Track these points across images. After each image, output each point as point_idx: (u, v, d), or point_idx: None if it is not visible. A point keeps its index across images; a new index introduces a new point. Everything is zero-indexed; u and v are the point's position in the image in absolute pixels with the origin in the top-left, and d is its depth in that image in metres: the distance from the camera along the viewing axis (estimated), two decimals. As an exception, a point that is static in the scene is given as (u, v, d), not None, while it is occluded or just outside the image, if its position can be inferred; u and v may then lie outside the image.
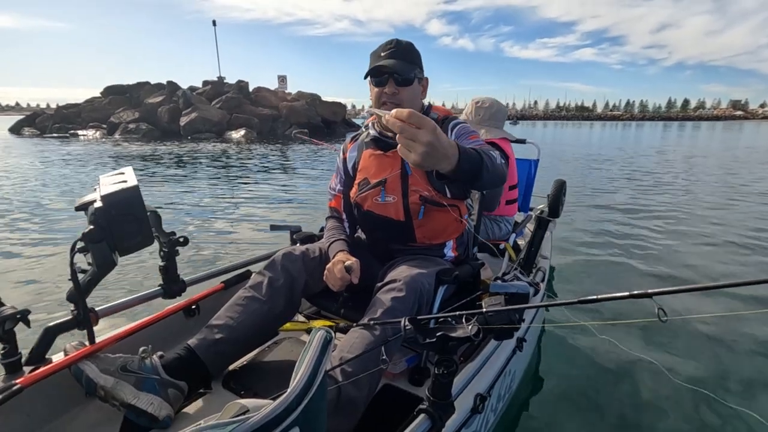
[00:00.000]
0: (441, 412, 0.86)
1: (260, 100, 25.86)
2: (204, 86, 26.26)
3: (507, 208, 2.21)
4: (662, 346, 2.15)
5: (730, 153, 14.18)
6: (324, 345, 0.59)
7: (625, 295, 0.64)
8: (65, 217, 4.80)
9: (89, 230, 0.94)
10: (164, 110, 22.86)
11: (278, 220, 4.96)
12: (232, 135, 21.22)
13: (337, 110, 27.50)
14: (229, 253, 3.67)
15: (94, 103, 25.25)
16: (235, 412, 0.49)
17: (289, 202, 5.94)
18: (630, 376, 1.89)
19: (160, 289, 1.40)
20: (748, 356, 2.08)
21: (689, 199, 6.14)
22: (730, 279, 0.60)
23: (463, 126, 1.32)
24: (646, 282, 3.09)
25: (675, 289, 0.61)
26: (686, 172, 9.09)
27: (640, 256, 3.62)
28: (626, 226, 4.62)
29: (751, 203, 5.84)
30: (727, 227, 4.56)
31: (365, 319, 1.07)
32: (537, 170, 2.62)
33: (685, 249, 3.86)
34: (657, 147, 17.31)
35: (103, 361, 1.02)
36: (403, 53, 1.27)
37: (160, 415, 0.97)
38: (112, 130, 22.40)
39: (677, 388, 1.78)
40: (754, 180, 7.98)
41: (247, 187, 7.30)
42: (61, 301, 2.55)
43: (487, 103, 2.23)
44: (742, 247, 3.89)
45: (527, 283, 1.52)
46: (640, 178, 8.24)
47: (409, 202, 1.28)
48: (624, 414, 1.68)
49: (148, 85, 25.93)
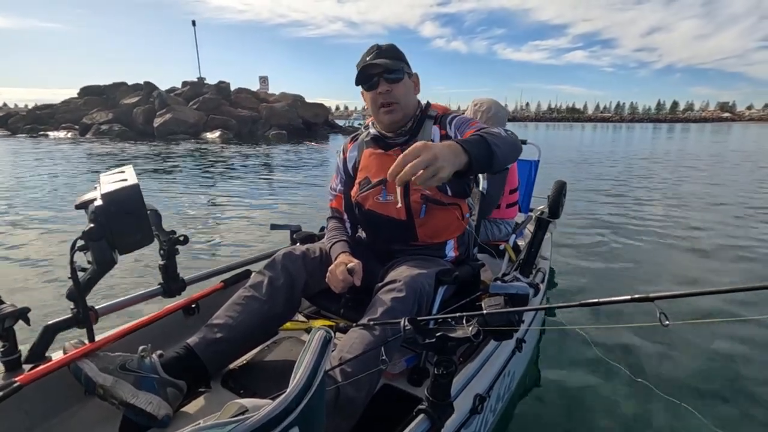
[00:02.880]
0: (440, 412, 0.86)
1: (240, 101, 25.66)
2: (183, 87, 25.98)
3: (507, 212, 2.19)
4: (661, 348, 2.15)
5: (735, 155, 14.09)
6: (323, 345, 0.59)
7: (627, 299, 0.63)
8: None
9: (89, 228, 0.94)
10: (139, 111, 22.63)
11: (278, 219, 4.96)
12: (207, 136, 21.09)
13: (319, 112, 27.32)
14: (229, 252, 3.67)
15: (70, 104, 24.96)
16: (234, 412, 0.49)
17: (288, 202, 5.95)
18: (629, 377, 1.89)
19: (160, 288, 1.40)
20: (750, 361, 2.06)
21: (690, 201, 6.08)
22: (734, 284, 0.60)
23: (460, 117, 1.33)
24: (647, 282, 3.09)
25: (677, 294, 0.60)
26: (689, 176, 8.96)
27: (639, 257, 3.63)
28: (626, 227, 4.62)
29: (760, 208, 5.58)
30: (730, 230, 4.51)
31: (365, 319, 1.06)
32: (537, 171, 2.62)
33: (685, 251, 3.85)
34: (653, 149, 17.27)
35: (102, 359, 1.02)
36: (386, 53, 1.27)
37: (158, 414, 0.97)
38: (85, 131, 22.10)
39: (677, 391, 1.78)
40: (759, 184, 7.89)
41: (247, 186, 7.30)
42: (60, 299, 2.56)
43: (485, 106, 2.20)
44: (744, 249, 3.85)
45: (527, 284, 1.52)
46: (639, 181, 8.23)
47: (411, 201, 1.28)
48: (623, 415, 1.68)
49: (124, 85, 25.69)
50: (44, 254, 3.52)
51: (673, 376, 1.95)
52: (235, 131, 22.45)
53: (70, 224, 4.41)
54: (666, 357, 2.09)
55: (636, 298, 0.62)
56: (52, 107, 25.31)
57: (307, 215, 5.13)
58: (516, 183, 2.23)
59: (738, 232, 4.42)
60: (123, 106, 23.50)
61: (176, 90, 25.73)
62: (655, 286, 3.06)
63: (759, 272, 3.34)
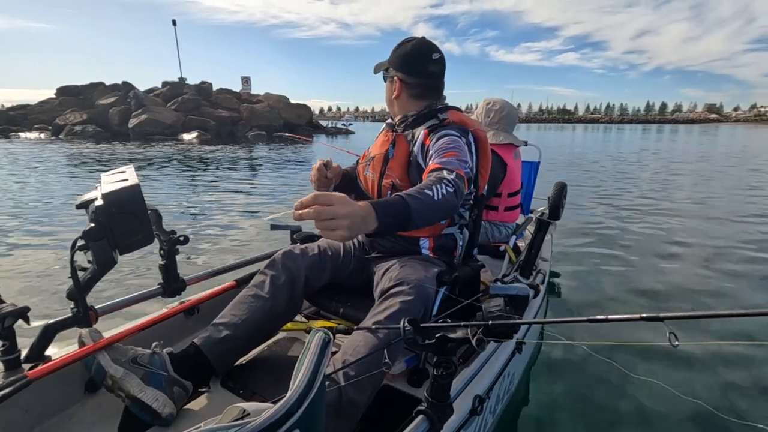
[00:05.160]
0: (439, 413, 0.86)
1: (221, 102, 25.45)
2: (162, 87, 25.74)
3: (506, 215, 2.18)
4: (663, 350, 2.14)
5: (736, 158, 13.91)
6: (323, 347, 0.59)
7: (636, 318, 0.62)
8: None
9: (90, 228, 0.94)
10: (115, 112, 22.39)
11: (278, 219, 4.96)
12: (183, 137, 20.91)
13: (302, 113, 27.28)
14: (229, 253, 3.67)
15: (46, 104, 24.62)
16: (235, 416, 0.49)
17: (288, 202, 5.95)
18: (629, 379, 1.89)
19: (160, 288, 1.40)
20: (757, 386, 1.91)
21: (698, 209, 5.66)
22: (747, 308, 0.58)
23: (445, 140, 1.21)
24: (649, 283, 3.09)
25: (689, 315, 0.59)
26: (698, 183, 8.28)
27: (641, 261, 3.62)
28: (626, 228, 4.62)
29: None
30: (741, 245, 4.05)
31: (371, 321, 1.07)
32: (538, 173, 2.62)
33: (697, 264, 3.73)
34: (647, 150, 17.02)
35: (116, 350, 1.02)
36: (392, 51, 1.36)
37: (163, 412, 0.97)
38: (57, 132, 21.77)
39: (679, 396, 1.75)
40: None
41: (246, 187, 7.30)
42: (60, 298, 2.56)
43: (497, 105, 2.17)
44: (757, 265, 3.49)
45: (527, 286, 1.52)
46: (637, 184, 8.22)
47: (382, 183, 1.33)
48: (622, 416, 1.68)
49: (102, 85, 25.41)
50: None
51: (675, 380, 1.94)
52: (214, 132, 22.22)
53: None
54: (668, 360, 2.08)
55: (645, 317, 0.60)
56: (26, 108, 24.90)
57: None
58: (517, 186, 2.20)
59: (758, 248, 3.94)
60: (99, 106, 23.24)
61: (156, 90, 25.47)
62: (659, 288, 3.05)
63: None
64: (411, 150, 1.29)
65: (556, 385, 1.88)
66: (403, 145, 1.31)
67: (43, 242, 3.89)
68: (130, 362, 1.00)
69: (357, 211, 0.77)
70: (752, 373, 1.99)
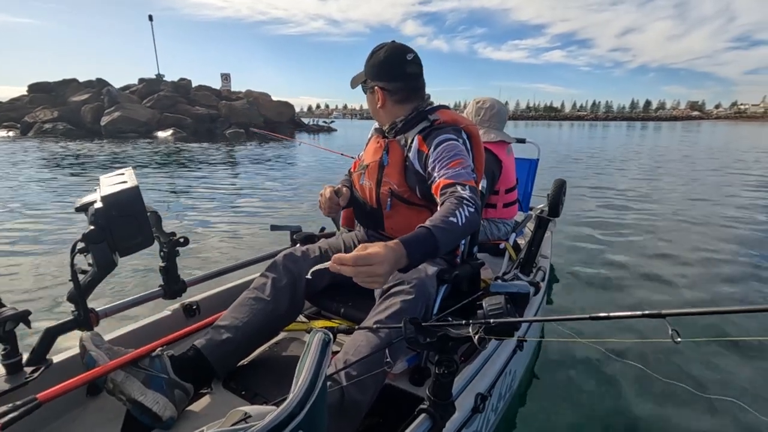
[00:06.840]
0: (442, 411, 0.86)
1: (200, 99, 24.72)
2: (138, 84, 24.88)
3: (505, 211, 2.18)
4: (665, 346, 2.15)
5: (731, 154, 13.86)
6: (323, 347, 0.58)
7: (638, 315, 0.62)
8: None
9: (90, 231, 0.94)
10: (87, 109, 21.62)
11: (278, 219, 4.96)
12: (158, 135, 20.30)
13: (283, 110, 26.66)
14: (229, 253, 3.67)
15: (17, 101, 23.84)
16: (237, 419, 0.49)
17: (288, 201, 5.94)
18: (630, 377, 1.89)
19: (161, 290, 1.40)
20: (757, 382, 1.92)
21: (700, 208, 5.61)
22: (749, 303, 0.58)
23: (445, 147, 1.20)
24: (649, 283, 3.09)
25: (690, 312, 0.59)
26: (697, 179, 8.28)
27: (642, 259, 3.62)
28: (625, 227, 4.63)
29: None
30: (743, 241, 4.09)
31: (372, 320, 1.07)
32: (537, 170, 2.62)
33: (697, 260, 3.75)
34: (640, 145, 16.96)
35: (117, 353, 1.02)
36: (366, 63, 1.32)
37: (164, 415, 0.97)
38: (26, 129, 21.09)
39: (681, 390, 1.75)
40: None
41: (243, 186, 7.29)
42: (61, 301, 2.56)
43: (488, 104, 2.20)
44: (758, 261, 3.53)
45: (527, 283, 1.52)
46: (637, 182, 8.22)
47: (380, 191, 1.34)
48: (623, 414, 1.69)
49: (75, 82, 24.52)
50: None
51: (678, 376, 1.94)
52: (192, 130, 21.66)
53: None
54: (669, 356, 2.08)
55: (647, 314, 0.60)
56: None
57: (307, 216, 5.13)
58: (512, 182, 2.21)
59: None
60: (71, 103, 22.39)
61: (132, 87, 24.62)
62: (662, 284, 3.06)
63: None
64: (406, 155, 1.28)
65: (558, 382, 1.88)
66: (397, 151, 1.30)
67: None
68: (130, 365, 1.00)
69: (391, 261, 0.83)
70: (750, 370, 2.00)
